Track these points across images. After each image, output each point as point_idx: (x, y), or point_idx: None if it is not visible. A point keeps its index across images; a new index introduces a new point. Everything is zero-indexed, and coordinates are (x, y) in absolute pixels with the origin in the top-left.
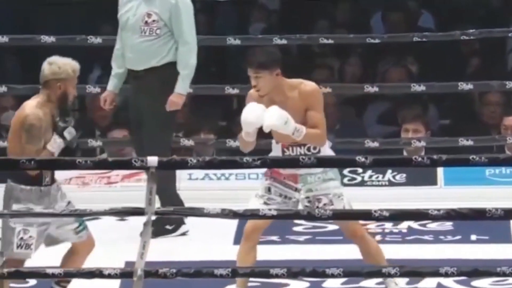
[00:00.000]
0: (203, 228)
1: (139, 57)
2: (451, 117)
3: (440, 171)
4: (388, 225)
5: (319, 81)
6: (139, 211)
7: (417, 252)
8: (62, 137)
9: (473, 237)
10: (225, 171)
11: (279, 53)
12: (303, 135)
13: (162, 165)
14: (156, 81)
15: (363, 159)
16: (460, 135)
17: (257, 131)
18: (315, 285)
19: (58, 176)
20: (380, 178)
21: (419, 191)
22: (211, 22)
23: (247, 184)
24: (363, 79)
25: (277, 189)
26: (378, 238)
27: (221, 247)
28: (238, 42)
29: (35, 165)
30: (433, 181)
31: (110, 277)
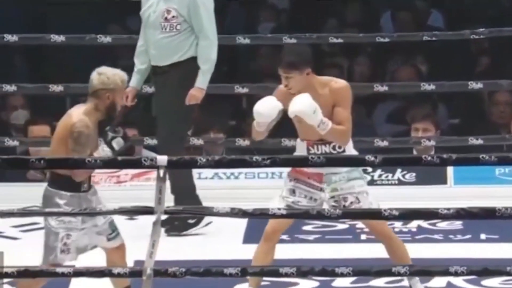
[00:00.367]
0: (213, 227)
1: (161, 53)
2: (461, 116)
3: (449, 170)
4: (397, 224)
5: None
6: (148, 210)
7: (427, 251)
8: (110, 146)
9: (483, 236)
10: (235, 170)
11: (309, 52)
12: (328, 129)
13: (171, 164)
14: (178, 76)
15: (372, 158)
16: (469, 134)
17: (271, 128)
18: (325, 284)
19: None
20: (389, 177)
21: (429, 190)
22: (220, 21)
23: (257, 183)
24: (372, 78)
25: (301, 191)
26: None
27: (230, 246)
28: (247, 41)
29: (45, 164)
30: (442, 180)
31: (119, 276)
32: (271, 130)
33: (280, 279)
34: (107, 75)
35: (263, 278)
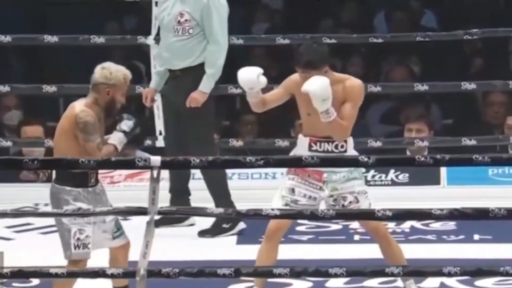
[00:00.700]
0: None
1: (173, 57)
2: (454, 117)
3: (443, 170)
4: (391, 225)
5: None
6: (142, 211)
7: (420, 251)
8: (121, 131)
9: (476, 237)
10: (228, 171)
11: (327, 50)
12: (330, 120)
13: (165, 165)
14: (191, 81)
15: (366, 159)
16: (463, 134)
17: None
18: (318, 285)
19: None
20: (383, 177)
21: (422, 190)
22: None
23: (250, 183)
24: (366, 79)
25: (301, 190)
26: None
27: (224, 247)
28: (241, 42)
29: (38, 165)
30: (436, 181)
31: (113, 276)
32: (264, 130)
33: (273, 279)
34: (110, 70)
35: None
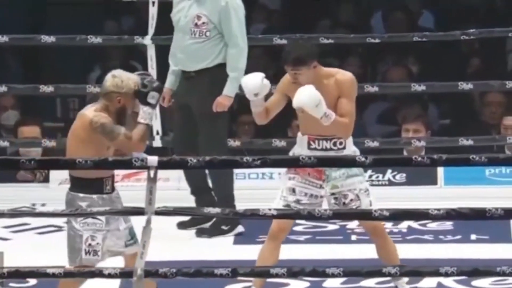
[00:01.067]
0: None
1: (189, 59)
2: (451, 117)
3: (440, 170)
4: (388, 225)
5: None
6: (139, 211)
7: (417, 251)
8: (148, 104)
9: (473, 237)
10: None
11: (314, 46)
12: (331, 121)
13: (162, 165)
14: (206, 82)
15: (363, 159)
16: (460, 134)
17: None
18: (315, 285)
19: (58, 175)
20: (380, 177)
21: (419, 190)
22: None
23: (247, 183)
24: (363, 79)
25: (301, 189)
26: None
27: (221, 247)
28: None
29: (35, 165)
30: (433, 181)
31: (110, 276)
32: (261, 130)
33: (271, 279)
34: (121, 79)
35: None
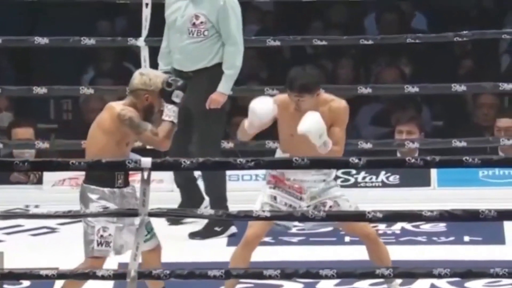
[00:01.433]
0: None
1: (187, 58)
2: (445, 119)
3: (433, 172)
4: (381, 226)
5: None
6: (132, 212)
7: (411, 253)
8: (172, 102)
9: (466, 238)
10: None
11: (319, 74)
12: (327, 151)
13: (155, 166)
14: (204, 81)
15: (356, 160)
16: (453, 136)
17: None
18: (309, 286)
19: (52, 177)
20: (373, 179)
21: (413, 192)
22: None
23: (240, 185)
24: (356, 81)
25: (282, 199)
26: None
27: (214, 248)
28: None
29: (29, 167)
30: (426, 183)
31: (103, 278)
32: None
33: (264, 281)
34: (149, 76)
35: (247, 280)
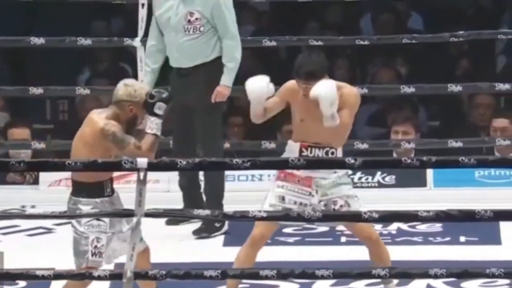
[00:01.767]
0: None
1: (185, 55)
2: (441, 119)
3: (429, 172)
4: (377, 227)
5: None
6: (128, 213)
7: (407, 253)
8: (155, 115)
9: (462, 239)
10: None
11: (325, 60)
12: (333, 125)
13: (152, 167)
14: (203, 76)
15: (352, 161)
16: (449, 136)
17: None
18: (305, 287)
19: (48, 177)
20: (369, 179)
21: (409, 192)
22: None
23: (237, 185)
24: (352, 81)
25: (291, 197)
26: None
27: (210, 249)
28: None
29: (25, 167)
30: (422, 183)
31: (99, 278)
32: (251, 132)
33: (260, 281)
34: (134, 88)
35: (243, 280)
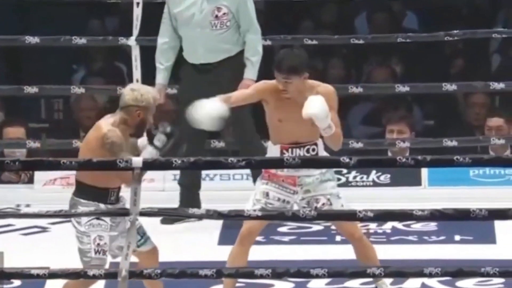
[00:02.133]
0: (188, 228)
1: (212, 51)
2: (435, 118)
3: (424, 171)
4: (372, 226)
5: None
6: (123, 212)
7: (402, 252)
8: (153, 145)
9: (457, 238)
10: (210, 172)
11: (306, 56)
12: (331, 133)
13: (147, 166)
14: (228, 71)
15: (347, 160)
16: (444, 136)
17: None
18: (300, 286)
19: (43, 176)
20: (364, 178)
21: (404, 191)
22: None
23: (232, 184)
24: (347, 80)
25: (275, 194)
26: None
27: (205, 248)
28: None
29: (20, 166)
30: (417, 182)
31: (95, 277)
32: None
33: (255, 280)
34: (140, 92)
35: (238, 279)
